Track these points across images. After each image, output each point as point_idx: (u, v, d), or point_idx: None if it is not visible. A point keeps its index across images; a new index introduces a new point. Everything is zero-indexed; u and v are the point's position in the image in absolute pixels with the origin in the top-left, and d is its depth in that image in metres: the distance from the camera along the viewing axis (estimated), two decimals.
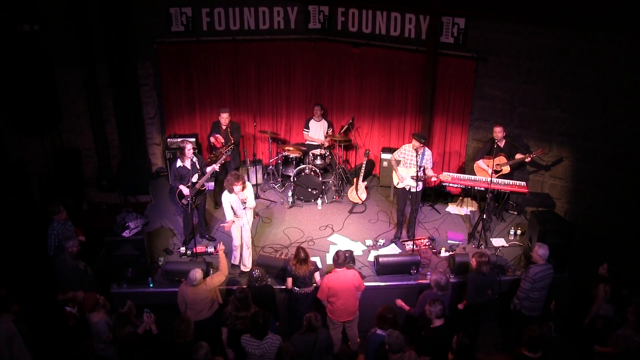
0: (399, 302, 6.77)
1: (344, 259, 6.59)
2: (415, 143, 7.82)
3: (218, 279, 6.64)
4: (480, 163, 8.54)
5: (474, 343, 7.13)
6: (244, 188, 7.21)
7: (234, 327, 6.05)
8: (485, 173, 8.37)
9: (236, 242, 7.61)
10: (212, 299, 6.60)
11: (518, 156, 8.30)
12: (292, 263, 6.76)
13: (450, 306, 6.75)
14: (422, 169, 7.84)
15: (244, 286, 6.63)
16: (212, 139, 8.86)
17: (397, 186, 8.20)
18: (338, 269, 6.55)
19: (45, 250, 7.13)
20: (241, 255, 7.66)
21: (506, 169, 8.36)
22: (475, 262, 6.66)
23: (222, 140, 8.77)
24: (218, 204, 9.09)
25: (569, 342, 6.59)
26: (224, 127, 8.89)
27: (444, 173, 8.37)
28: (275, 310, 6.75)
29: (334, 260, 6.60)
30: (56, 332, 6.15)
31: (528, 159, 8.25)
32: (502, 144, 8.34)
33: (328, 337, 5.93)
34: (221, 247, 7.02)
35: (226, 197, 7.27)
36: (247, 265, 7.64)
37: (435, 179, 8.21)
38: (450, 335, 5.85)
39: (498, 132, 8.27)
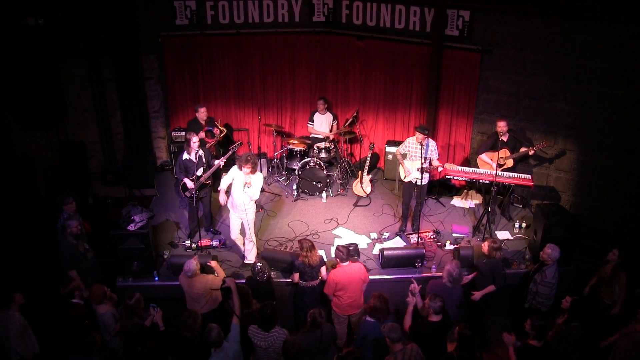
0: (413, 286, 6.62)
1: (347, 253, 6.57)
2: (419, 135, 7.81)
3: (215, 281, 6.64)
4: (484, 157, 8.51)
5: (484, 336, 7.17)
6: (253, 172, 7.23)
7: None
8: (489, 167, 8.35)
9: (232, 234, 7.69)
10: (208, 298, 6.56)
11: (522, 150, 8.28)
12: (303, 255, 6.71)
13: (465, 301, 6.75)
14: (427, 160, 7.84)
15: (243, 280, 6.66)
16: (214, 131, 9.17)
17: (404, 180, 8.19)
18: (343, 263, 6.56)
19: (53, 244, 7.17)
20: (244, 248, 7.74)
21: (509, 163, 8.34)
22: (488, 247, 6.67)
23: (218, 132, 9.19)
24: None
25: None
26: (202, 122, 9.04)
27: (448, 163, 8.36)
28: None
29: (337, 256, 6.57)
30: (64, 326, 6.17)
31: (531, 152, 8.23)
32: (505, 138, 8.31)
33: (332, 331, 5.94)
34: (212, 262, 7.00)
35: (233, 170, 7.36)
36: (249, 258, 7.68)
37: (442, 169, 8.19)
38: (445, 332, 5.86)
39: (502, 126, 8.24)
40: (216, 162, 7.93)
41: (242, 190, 7.29)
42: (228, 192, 7.50)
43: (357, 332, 6.30)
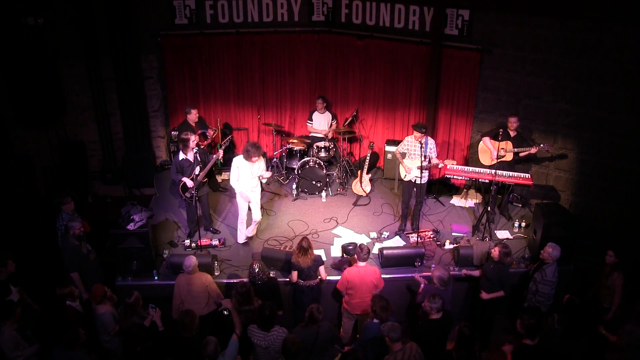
0: (417, 276, 6.90)
1: (368, 253, 6.58)
2: (417, 134, 7.81)
3: (213, 284, 6.68)
4: (487, 141, 8.50)
5: (487, 337, 7.17)
6: (259, 158, 7.57)
7: None
8: (488, 153, 8.41)
9: (241, 215, 7.87)
10: (207, 297, 6.56)
11: (525, 148, 8.28)
12: (295, 253, 6.77)
13: (453, 300, 6.75)
14: (427, 158, 7.84)
15: (246, 280, 6.66)
16: (208, 134, 9.22)
17: (404, 179, 8.19)
18: (360, 263, 6.56)
19: (52, 243, 7.16)
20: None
21: (509, 156, 8.34)
22: (499, 253, 6.66)
23: (212, 133, 9.30)
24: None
25: (579, 336, 6.54)
26: (193, 124, 9.00)
27: (448, 159, 8.34)
28: (279, 301, 6.77)
29: (357, 253, 6.59)
30: (56, 325, 6.16)
31: (534, 150, 8.22)
32: (512, 134, 8.33)
33: (330, 330, 5.92)
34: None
35: (237, 161, 7.56)
36: (248, 235, 8.07)
37: (442, 166, 8.19)
38: (447, 328, 5.90)
39: (513, 122, 8.28)
40: (213, 156, 7.99)
41: (250, 175, 7.56)
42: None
43: (360, 332, 6.30)
